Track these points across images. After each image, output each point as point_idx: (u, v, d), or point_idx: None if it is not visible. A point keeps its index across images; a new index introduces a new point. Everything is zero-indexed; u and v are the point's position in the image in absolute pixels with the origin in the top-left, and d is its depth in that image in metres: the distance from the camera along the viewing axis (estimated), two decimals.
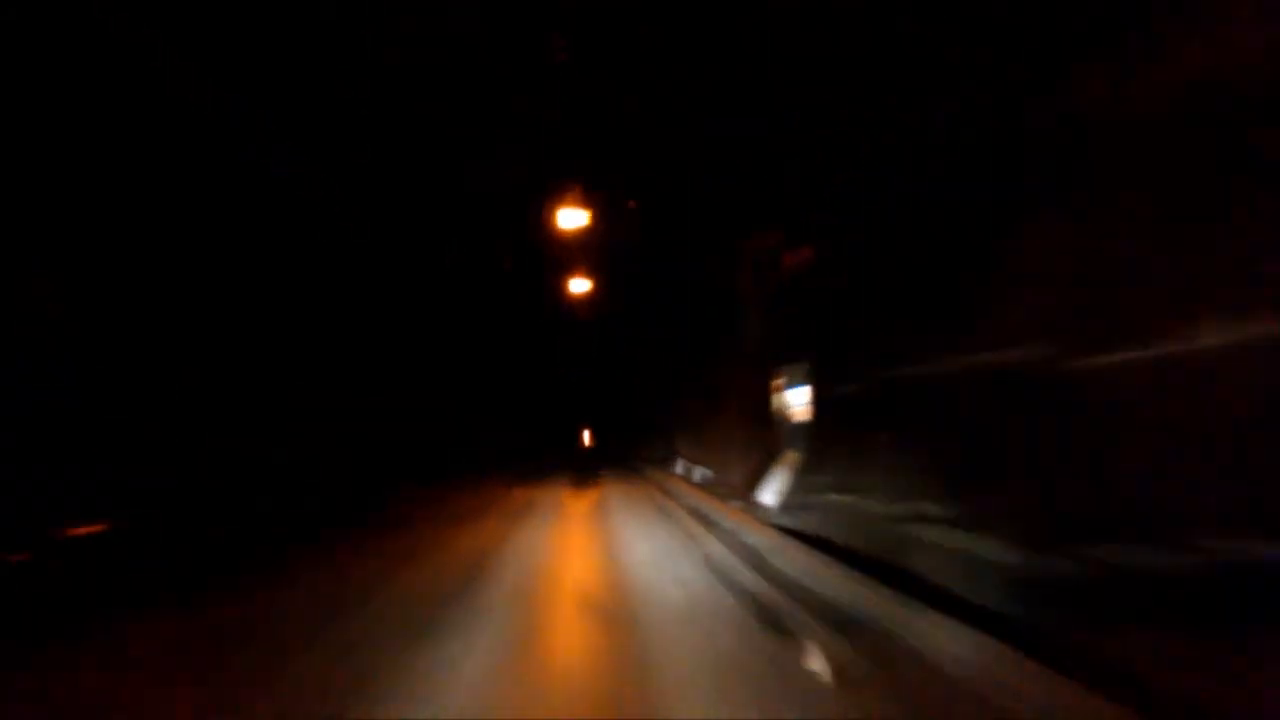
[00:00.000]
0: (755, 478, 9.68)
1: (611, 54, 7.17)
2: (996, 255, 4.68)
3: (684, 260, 13.60)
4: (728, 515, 8.66)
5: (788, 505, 8.32)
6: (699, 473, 14.54)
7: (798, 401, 8.96)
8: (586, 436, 40.63)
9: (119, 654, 4.12)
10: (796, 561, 5.78)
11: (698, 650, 3.81)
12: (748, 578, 5.66)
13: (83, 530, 6.79)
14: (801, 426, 8.79)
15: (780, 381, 9.49)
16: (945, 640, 3.49)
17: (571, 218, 11.20)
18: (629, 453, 28.53)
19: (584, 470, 21.27)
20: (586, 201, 10.83)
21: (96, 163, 6.40)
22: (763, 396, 9.95)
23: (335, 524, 9.95)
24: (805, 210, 8.54)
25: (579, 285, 16.88)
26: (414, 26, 6.66)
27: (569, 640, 4.26)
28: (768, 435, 9.70)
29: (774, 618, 4.43)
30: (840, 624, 4.14)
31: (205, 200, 7.85)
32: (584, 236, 12.30)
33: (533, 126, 8.48)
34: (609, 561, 6.69)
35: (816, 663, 3.57)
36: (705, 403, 15.10)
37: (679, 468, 17.01)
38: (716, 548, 7.12)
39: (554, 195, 10.71)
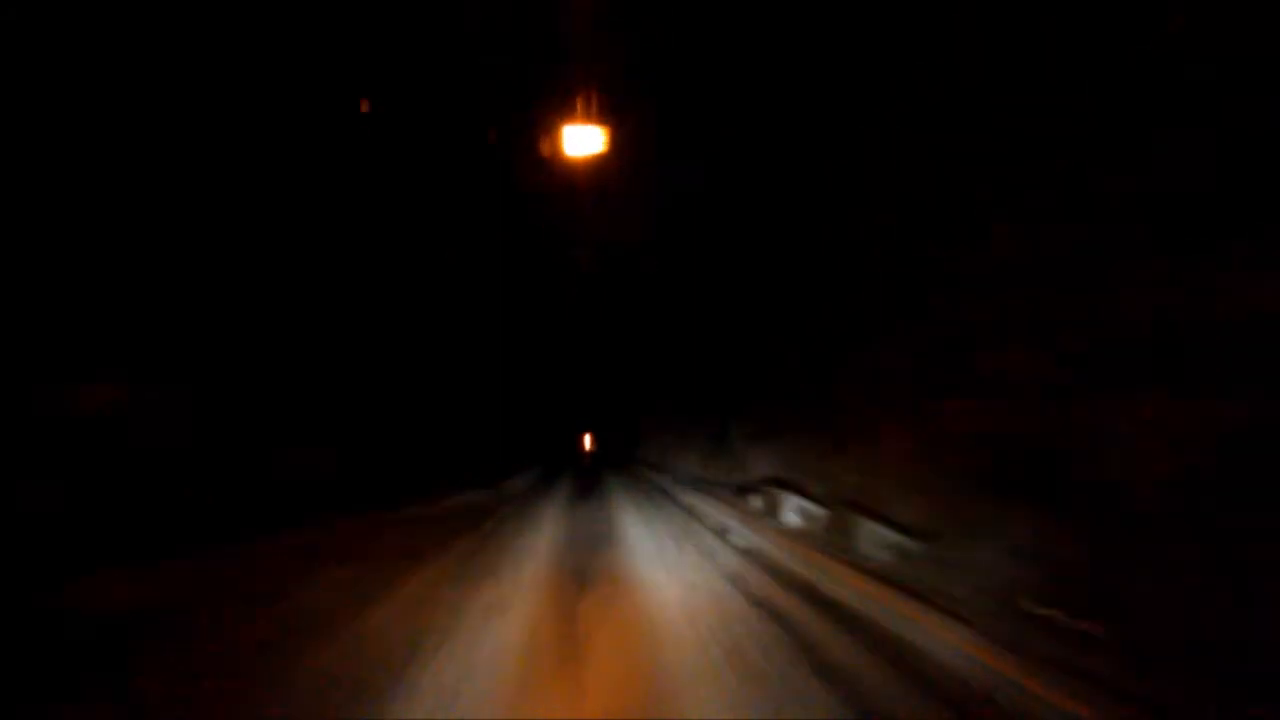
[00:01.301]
0: None
1: None
2: None
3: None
4: None
5: None
6: (873, 534, 5.37)
7: None
8: (588, 441, 35.99)
9: None
10: None
11: None
12: None
13: None
14: None
15: None
16: None
17: None
18: (653, 472, 18.25)
19: (587, 477, 17.78)
20: None
21: (98, 162, 6.40)
22: None
23: None
24: None
25: (583, 139, 7.82)
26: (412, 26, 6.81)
27: None
28: None
29: None
30: None
31: (205, 199, 7.69)
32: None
33: None
34: None
35: None
36: (854, 382, 6.23)
37: (790, 512, 7.04)
38: None
39: None
